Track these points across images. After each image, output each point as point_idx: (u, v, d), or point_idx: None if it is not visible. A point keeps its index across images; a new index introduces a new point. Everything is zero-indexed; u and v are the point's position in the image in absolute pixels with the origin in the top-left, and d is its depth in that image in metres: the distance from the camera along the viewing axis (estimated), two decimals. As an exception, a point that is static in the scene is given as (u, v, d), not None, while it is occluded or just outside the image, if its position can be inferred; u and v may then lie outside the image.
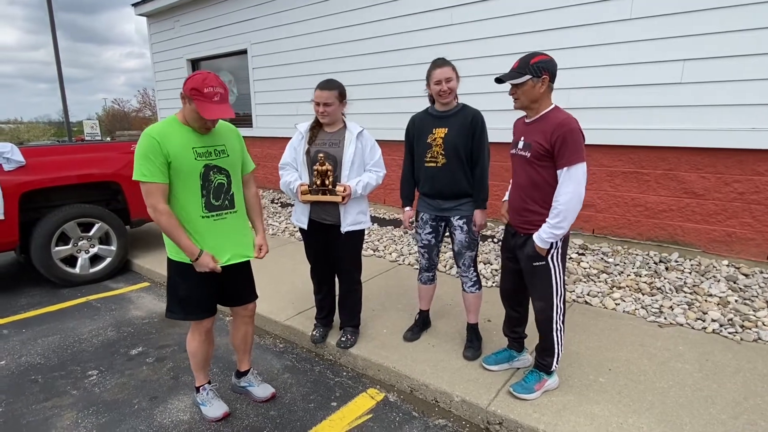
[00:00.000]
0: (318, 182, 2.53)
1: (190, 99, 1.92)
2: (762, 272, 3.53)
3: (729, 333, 2.84)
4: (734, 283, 3.39)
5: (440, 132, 2.48)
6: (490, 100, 4.00)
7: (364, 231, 2.75)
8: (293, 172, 2.63)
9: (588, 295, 3.41)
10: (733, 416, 2.10)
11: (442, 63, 2.44)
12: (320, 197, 2.53)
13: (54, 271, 4.06)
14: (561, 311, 2.18)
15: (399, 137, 3.00)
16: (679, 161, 3.92)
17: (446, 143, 2.46)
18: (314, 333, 2.93)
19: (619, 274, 3.71)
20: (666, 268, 3.74)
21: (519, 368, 2.49)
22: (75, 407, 2.44)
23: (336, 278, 2.89)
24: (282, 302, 3.47)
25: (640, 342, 2.77)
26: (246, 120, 7.86)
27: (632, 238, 4.28)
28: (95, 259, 4.36)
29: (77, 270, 4.21)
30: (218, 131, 2.12)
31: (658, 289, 3.42)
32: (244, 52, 7.57)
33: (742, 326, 2.89)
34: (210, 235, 2.08)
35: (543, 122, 2.05)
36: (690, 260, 3.84)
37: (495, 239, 4.69)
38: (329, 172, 2.52)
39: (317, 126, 2.63)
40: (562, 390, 2.31)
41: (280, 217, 6.09)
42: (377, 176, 2.62)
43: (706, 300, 3.22)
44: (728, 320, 2.95)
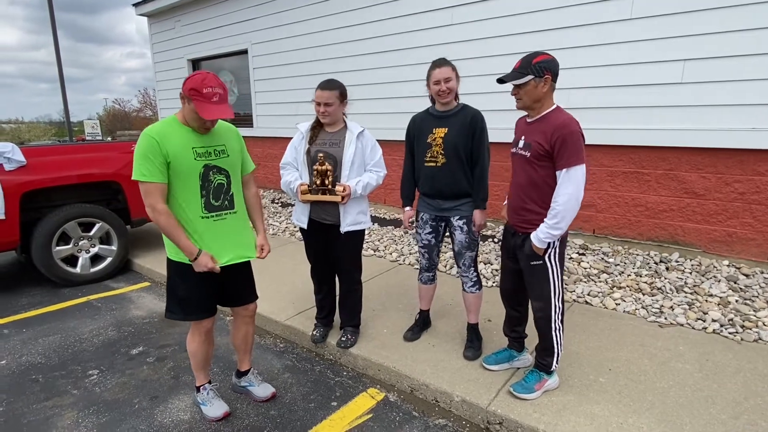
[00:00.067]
0: (318, 182, 2.53)
1: (189, 99, 1.92)
2: (762, 272, 3.52)
3: (729, 333, 2.84)
4: (735, 283, 3.39)
5: (440, 132, 2.48)
6: (491, 100, 4.01)
7: (365, 231, 2.75)
8: (294, 172, 2.64)
9: (588, 295, 3.41)
10: (734, 416, 2.10)
11: (442, 63, 2.44)
12: (320, 197, 2.53)
13: (55, 271, 4.07)
14: (560, 311, 2.19)
15: (399, 137, 3.00)
16: (680, 161, 3.92)
17: (446, 143, 2.46)
18: (314, 333, 2.93)
19: (620, 274, 3.71)
20: (666, 268, 3.73)
21: (519, 368, 2.50)
22: (75, 407, 2.45)
23: (336, 278, 2.90)
24: (282, 302, 3.47)
25: (641, 342, 2.77)
26: (247, 120, 7.86)
27: (633, 238, 4.27)
28: (96, 259, 4.36)
29: (78, 270, 4.21)
30: (218, 131, 2.12)
31: (659, 289, 3.41)
32: (245, 52, 7.57)
33: (743, 326, 2.89)
34: (210, 236, 2.08)
35: (544, 122, 2.05)
36: (690, 260, 3.84)
37: (495, 239, 4.69)
38: (329, 172, 2.52)
39: (318, 126, 2.63)
40: (563, 390, 2.31)
41: (281, 217, 6.09)
42: (377, 176, 2.62)
43: (707, 300, 3.22)
44: (729, 320, 2.95)
